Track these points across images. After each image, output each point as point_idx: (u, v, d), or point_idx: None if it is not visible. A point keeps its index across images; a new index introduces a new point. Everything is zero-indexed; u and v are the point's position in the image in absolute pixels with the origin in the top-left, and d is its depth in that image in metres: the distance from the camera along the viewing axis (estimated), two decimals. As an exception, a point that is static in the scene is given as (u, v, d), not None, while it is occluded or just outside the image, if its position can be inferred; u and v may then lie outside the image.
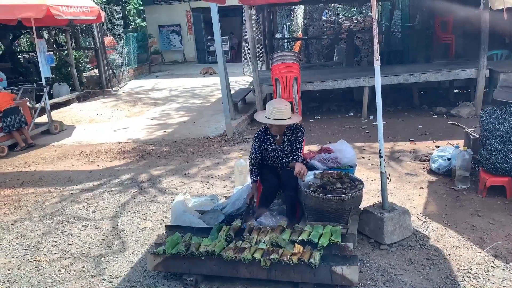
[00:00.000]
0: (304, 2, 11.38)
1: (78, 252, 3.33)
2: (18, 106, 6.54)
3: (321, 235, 2.79)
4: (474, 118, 6.64)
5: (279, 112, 3.22)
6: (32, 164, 5.80)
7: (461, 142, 4.75)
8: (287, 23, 18.57)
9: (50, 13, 6.34)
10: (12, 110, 6.36)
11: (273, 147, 3.41)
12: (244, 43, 12.55)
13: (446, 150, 4.54)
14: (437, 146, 5.27)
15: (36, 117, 7.28)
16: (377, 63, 3.06)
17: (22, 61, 13.76)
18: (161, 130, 7.22)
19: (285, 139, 3.39)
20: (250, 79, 9.45)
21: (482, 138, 3.87)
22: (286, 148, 3.39)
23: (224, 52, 7.37)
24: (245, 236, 2.86)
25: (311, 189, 3.10)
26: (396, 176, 4.49)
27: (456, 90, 8.41)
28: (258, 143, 3.44)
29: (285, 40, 15.80)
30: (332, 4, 16.19)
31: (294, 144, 3.37)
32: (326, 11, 16.73)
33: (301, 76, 7.07)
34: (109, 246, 3.39)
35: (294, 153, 3.36)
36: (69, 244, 3.46)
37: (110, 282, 2.89)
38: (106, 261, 3.16)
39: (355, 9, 17.28)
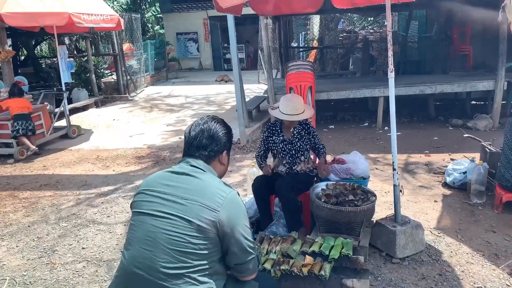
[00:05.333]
0: (320, 12, 11.41)
1: (92, 256, 3.39)
2: (30, 113, 6.55)
3: (332, 247, 2.78)
4: (491, 131, 6.54)
5: (295, 107, 3.36)
6: (50, 167, 5.93)
7: (477, 156, 4.69)
8: (303, 32, 18.62)
9: (71, 21, 6.51)
10: (22, 117, 6.37)
11: (281, 138, 3.48)
12: (260, 51, 12.64)
13: (462, 163, 4.48)
14: (452, 159, 5.21)
15: (55, 121, 7.45)
16: (391, 75, 3.06)
17: (43, 66, 14.13)
18: (176, 137, 7.30)
19: (295, 132, 3.48)
20: (265, 87, 9.51)
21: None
22: (294, 140, 3.43)
23: (240, 60, 7.47)
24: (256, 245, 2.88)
25: (323, 200, 3.10)
26: (410, 189, 4.45)
27: (473, 102, 8.30)
28: (266, 133, 3.56)
29: (301, 49, 15.85)
30: (349, 14, 16.18)
31: (313, 140, 3.49)
32: (342, 20, 16.74)
33: (316, 85, 7.08)
34: (122, 251, 3.44)
35: (320, 147, 3.54)
36: (84, 248, 3.52)
37: (122, 287, 2.93)
38: (119, 266, 3.21)
39: (371, 18, 17.23)
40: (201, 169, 1.77)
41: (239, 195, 1.77)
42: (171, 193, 1.68)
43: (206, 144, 1.82)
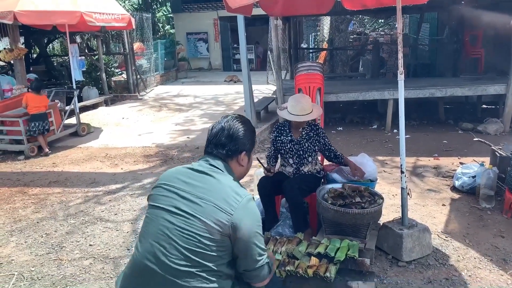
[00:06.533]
0: (331, 13, 11.39)
1: (98, 253, 3.42)
2: (46, 112, 6.60)
3: (338, 249, 2.78)
4: (502, 135, 6.47)
5: (303, 107, 3.35)
6: (60, 164, 6.00)
7: (487, 160, 4.64)
8: (313, 34, 18.58)
9: (83, 20, 6.59)
10: (39, 117, 6.43)
11: (289, 138, 3.48)
12: (269, 52, 12.64)
13: (471, 167, 4.43)
14: (461, 163, 5.15)
15: (66, 119, 7.53)
16: (400, 77, 3.04)
17: (55, 64, 14.28)
18: (184, 136, 7.34)
19: (303, 133, 3.47)
20: (274, 88, 9.51)
21: None
22: (302, 141, 3.43)
23: (249, 61, 7.48)
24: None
25: (330, 202, 3.09)
26: (417, 192, 4.42)
27: (483, 106, 8.21)
28: (275, 133, 3.56)
29: (310, 50, 15.82)
30: (359, 16, 16.11)
31: (322, 141, 3.48)
32: (353, 22, 16.67)
33: (325, 87, 7.06)
34: (128, 249, 3.47)
35: (332, 149, 3.53)
36: (91, 245, 3.56)
37: (128, 284, 2.95)
38: (125, 263, 3.23)
39: (382, 21, 17.14)
40: (220, 169, 1.77)
41: (254, 199, 1.75)
42: (188, 190, 1.69)
43: (224, 143, 1.81)
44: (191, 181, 1.72)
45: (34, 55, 15.15)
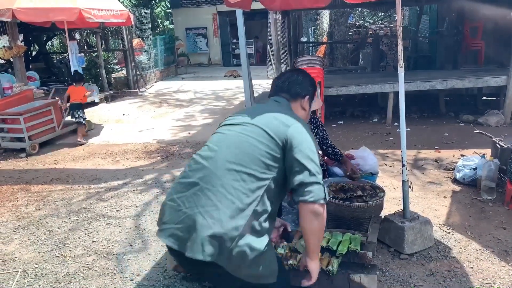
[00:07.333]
0: (330, 6, 11.34)
1: (101, 249, 3.44)
2: (79, 103, 7.01)
3: (340, 242, 2.78)
4: (503, 127, 6.46)
5: None
6: (61, 161, 6.01)
7: (488, 152, 4.64)
8: (312, 27, 18.51)
9: (82, 16, 6.57)
10: (73, 106, 6.94)
11: None
12: (269, 47, 12.61)
13: (472, 159, 4.44)
14: (462, 155, 5.15)
15: (66, 116, 7.53)
16: (401, 70, 3.03)
17: (54, 61, 14.27)
18: (185, 132, 7.34)
19: None
20: (274, 82, 9.49)
21: None
22: None
23: (249, 55, 7.47)
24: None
25: (331, 195, 3.10)
26: (419, 185, 4.42)
27: (484, 98, 8.20)
28: None
29: (310, 44, 15.77)
30: (359, 9, 16.04)
31: (321, 134, 3.48)
32: (352, 15, 16.60)
33: (325, 81, 7.04)
34: (131, 245, 3.48)
35: (330, 144, 3.53)
36: (93, 241, 3.57)
37: (131, 280, 2.97)
38: (128, 259, 3.25)
39: (382, 13, 17.07)
40: (284, 104, 2.03)
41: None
42: (251, 110, 1.97)
43: (290, 86, 2.09)
44: (256, 107, 2.11)
45: (34, 53, 15.13)
